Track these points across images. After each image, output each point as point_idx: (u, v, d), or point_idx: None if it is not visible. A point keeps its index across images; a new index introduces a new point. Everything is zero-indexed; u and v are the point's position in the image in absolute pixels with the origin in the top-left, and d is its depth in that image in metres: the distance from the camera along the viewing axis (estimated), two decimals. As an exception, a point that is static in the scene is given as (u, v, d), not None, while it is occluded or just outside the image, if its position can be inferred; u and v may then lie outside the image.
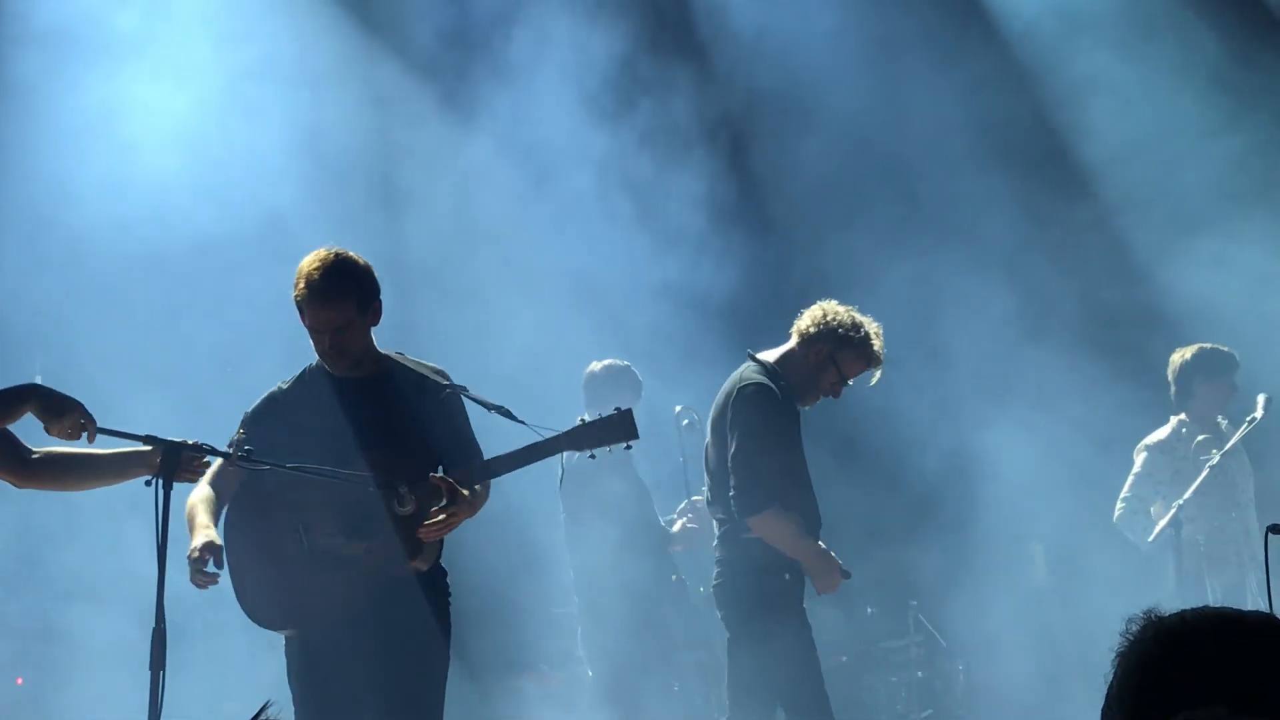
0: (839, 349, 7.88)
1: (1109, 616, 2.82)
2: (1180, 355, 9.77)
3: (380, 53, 10.75)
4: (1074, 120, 11.44)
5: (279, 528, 6.68)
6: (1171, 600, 10.23)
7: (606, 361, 9.68)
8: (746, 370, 7.94)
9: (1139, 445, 9.85)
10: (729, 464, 7.73)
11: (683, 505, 9.74)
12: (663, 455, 9.78)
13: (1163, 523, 9.64)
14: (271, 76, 9.92)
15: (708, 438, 8.13)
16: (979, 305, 10.31)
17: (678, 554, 9.84)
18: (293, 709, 6.72)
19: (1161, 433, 9.82)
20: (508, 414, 6.67)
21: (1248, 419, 9.77)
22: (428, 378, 6.80)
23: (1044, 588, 10.51)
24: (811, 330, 7.88)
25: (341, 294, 6.52)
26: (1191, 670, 2.54)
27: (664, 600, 9.74)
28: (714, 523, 8.10)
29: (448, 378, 6.86)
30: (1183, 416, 9.76)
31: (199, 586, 6.41)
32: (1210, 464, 9.59)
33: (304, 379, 6.81)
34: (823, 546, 7.82)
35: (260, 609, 6.73)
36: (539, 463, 6.72)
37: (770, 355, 7.98)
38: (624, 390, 9.41)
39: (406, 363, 6.83)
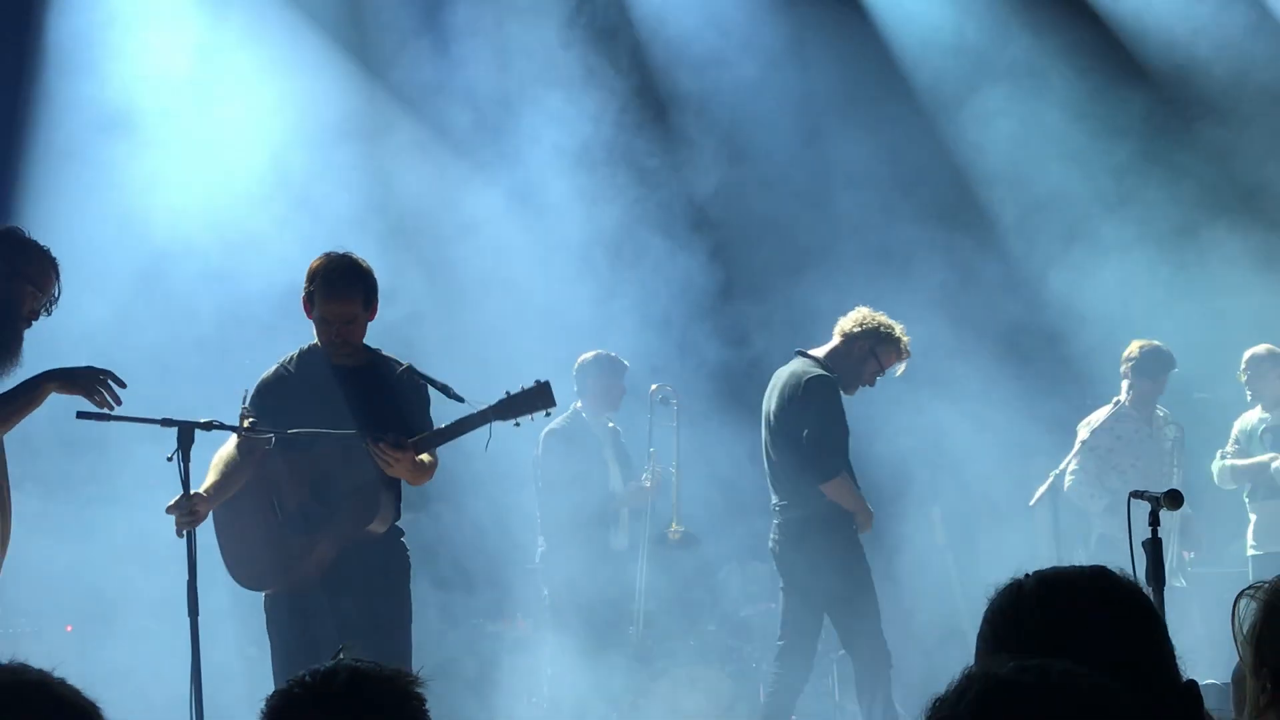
0: (879, 345, 8.51)
1: (994, 571, 3.03)
2: (1130, 349, 9.84)
3: (402, 118, 10.65)
4: (974, 158, 11.46)
5: (256, 500, 6.78)
6: (1049, 558, 10.69)
7: (596, 352, 9.66)
8: (805, 365, 8.51)
9: (1082, 422, 9.94)
10: (803, 440, 8.27)
11: (647, 468, 9.85)
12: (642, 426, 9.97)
13: (1041, 489, 9.82)
14: (303, 141, 9.89)
15: (766, 434, 8.61)
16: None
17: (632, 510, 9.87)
18: (270, 659, 6.81)
19: (1103, 412, 9.88)
20: (449, 392, 6.82)
21: (1114, 400, 9.89)
22: (402, 366, 6.92)
23: (941, 546, 10.49)
24: (855, 330, 8.54)
25: (352, 291, 6.68)
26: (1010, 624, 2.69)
27: (616, 560, 9.74)
28: (774, 496, 8.59)
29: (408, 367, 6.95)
30: (1121, 399, 9.81)
31: (178, 531, 6.45)
32: (1081, 440, 9.80)
33: (304, 362, 6.89)
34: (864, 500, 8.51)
35: (239, 572, 6.87)
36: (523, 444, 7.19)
37: (819, 352, 8.57)
38: (608, 375, 9.68)
39: (389, 357, 6.95)
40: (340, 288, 6.73)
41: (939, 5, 11.44)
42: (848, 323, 8.61)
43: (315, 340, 6.92)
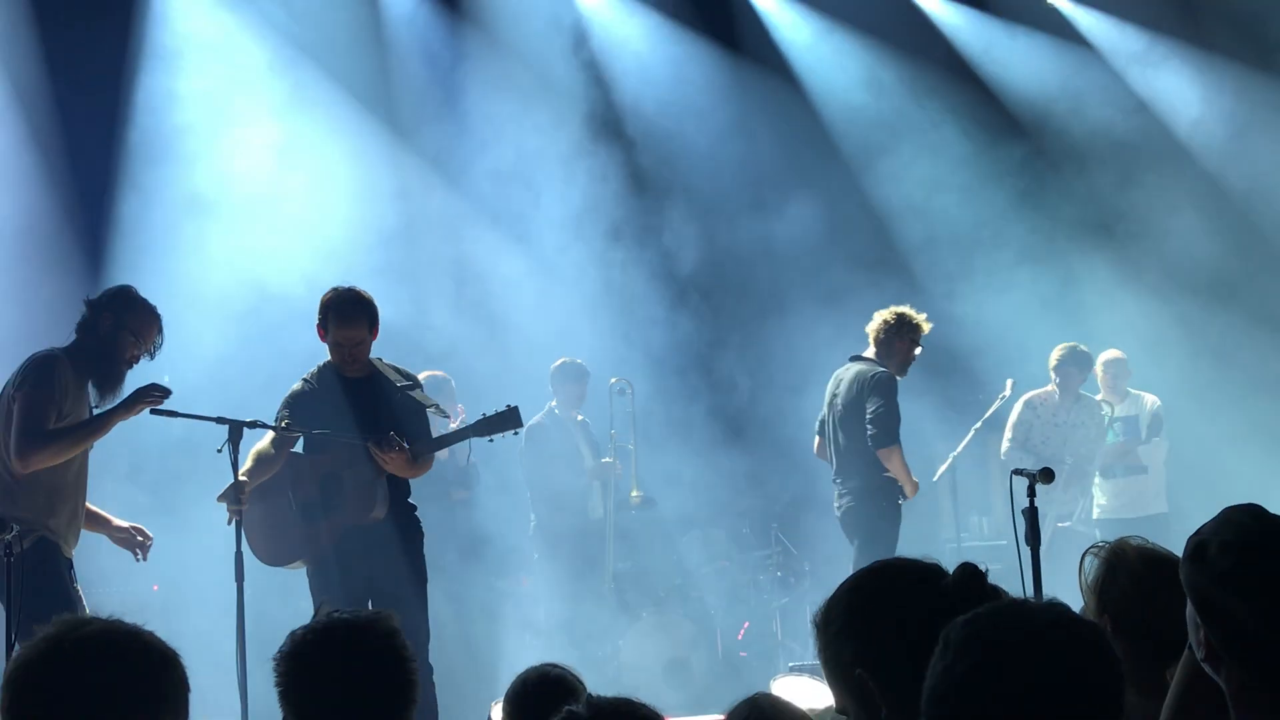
0: (912, 333, 8.59)
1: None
2: (1058, 349, 9.75)
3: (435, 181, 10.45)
4: (890, 207, 11.38)
5: (274, 493, 6.82)
6: (946, 528, 10.64)
7: (564, 359, 9.55)
8: (868, 365, 8.58)
9: (1020, 400, 9.88)
10: (868, 418, 8.37)
11: (610, 447, 9.77)
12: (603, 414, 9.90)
13: (942, 469, 9.92)
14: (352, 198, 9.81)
15: (833, 421, 8.62)
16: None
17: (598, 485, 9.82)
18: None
19: (1039, 392, 9.83)
20: (439, 410, 7.04)
21: (1000, 396, 9.89)
22: (397, 381, 6.92)
23: None
24: (889, 330, 8.59)
25: (359, 319, 6.76)
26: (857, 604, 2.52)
27: (591, 528, 9.66)
28: (838, 474, 8.62)
29: (409, 377, 7.03)
30: (1051, 388, 9.76)
31: (228, 520, 6.58)
32: (975, 428, 9.80)
33: (322, 375, 6.90)
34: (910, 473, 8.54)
35: (260, 552, 6.86)
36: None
37: (870, 354, 8.64)
38: (571, 380, 9.54)
39: (383, 367, 6.94)
40: (350, 316, 6.81)
41: (857, 80, 11.39)
42: (879, 328, 8.65)
43: (330, 358, 6.96)
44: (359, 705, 2.78)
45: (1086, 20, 11.42)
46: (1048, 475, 5.64)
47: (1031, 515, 5.58)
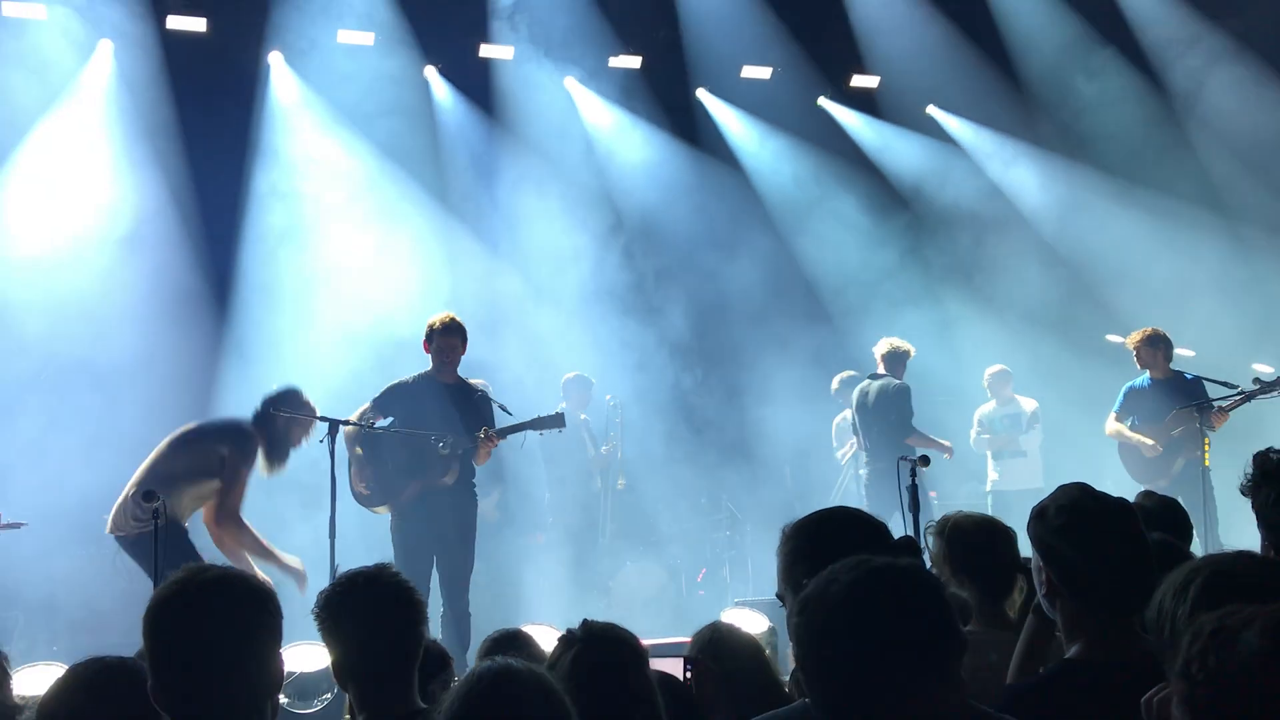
0: (906, 356, 8.90)
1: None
2: (989, 369, 9.76)
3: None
4: (813, 266, 11.35)
5: (376, 459, 6.89)
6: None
7: (575, 373, 9.46)
8: (889, 379, 8.80)
9: (979, 408, 9.82)
10: (894, 417, 8.63)
11: (609, 440, 9.76)
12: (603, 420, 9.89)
13: (846, 455, 9.79)
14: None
15: (861, 420, 8.84)
16: (784, 382, 10.27)
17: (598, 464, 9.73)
18: (393, 554, 6.81)
19: (989, 405, 9.72)
20: (504, 409, 7.05)
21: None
22: (477, 388, 7.14)
23: (790, 491, 10.28)
24: (894, 354, 8.86)
25: (456, 335, 6.94)
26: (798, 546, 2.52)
27: (592, 499, 9.64)
28: (866, 456, 8.82)
29: (484, 388, 7.28)
30: (994, 401, 9.70)
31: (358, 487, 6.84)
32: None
33: (423, 378, 6.96)
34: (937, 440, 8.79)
35: (361, 498, 6.96)
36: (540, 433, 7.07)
37: (882, 370, 8.88)
38: (578, 388, 9.42)
39: (470, 379, 7.16)
40: (451, 333, 6.94)
41: (783, 162, 11.36)
42: (886, 352, 8.93)
43: (429, 367, 6.99)
44: (378, 635, 2.70)
45: (953, 124, 11.43)
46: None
47: (913, 492, 5.69)
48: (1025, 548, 2.87)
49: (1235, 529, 7.12)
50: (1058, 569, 2.47)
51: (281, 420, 6.47)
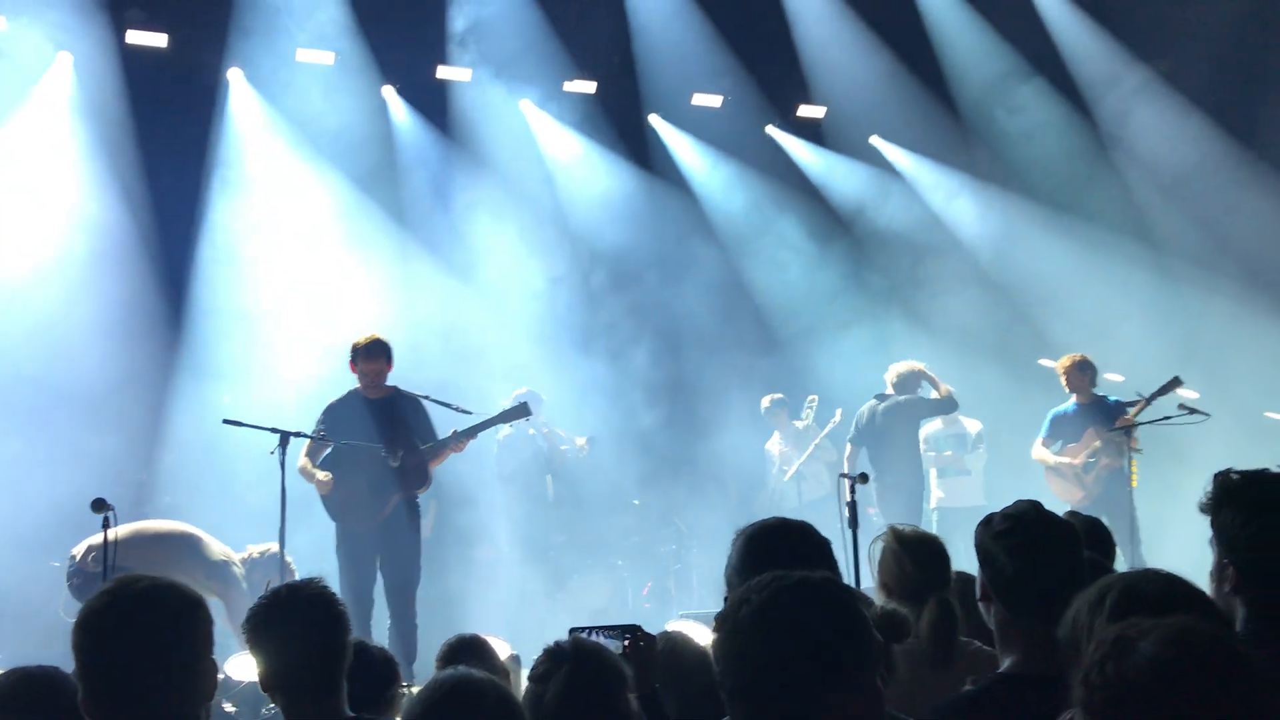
0: (922, 375, 9.01)
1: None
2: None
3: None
4: (761, 291, 11.44)
5: (348, 471, 6.79)
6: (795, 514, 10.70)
7: (526, 388, 9.27)
8: (901, 397, 8.94)
9: (924, 427, 9.61)
10: (907, 425, 8.84)
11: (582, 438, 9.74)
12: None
13: (790, 471, 9.81)
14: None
15: (874, 437, 8.90)
16: (732, 404, 10.37)
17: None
18: (338, 568, 6.78)
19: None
20: (460, 408, 6.91)
21: (831, 421, 9.82)
22: (413, 397, 6.99)
23: (734, 507, 10.09)
24: (905, 376, 8.99)
25: (379, 355, 6.88)
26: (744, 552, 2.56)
27: (540, 505, 9.59)
28: (875, 472, 8.80)
29: (421, 396, 7.03)
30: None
31: (325, 491, 6.76)
32: (816, 442, 9.73)
33: (350, 396, 6.96)
34: None
35: (330, 511, 6.89)
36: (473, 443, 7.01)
37: (890, 390, 8.99)
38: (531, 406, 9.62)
39: (402, 389, 7.01)
40: (373, 353, 6.87)
41: (732, 188, 11.43)
42: (896, 376, 9.05)
43: (358, 385, 6.94)
44: (303, 645, 2.70)
45: (895, 154, 11.55)
46: (864, 478, 5.81)
47: (852, 508, 5.67)
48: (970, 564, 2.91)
49: (1158, 549, 7.26)
50: (991, 573, 2.52)
51: None
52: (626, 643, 2.80)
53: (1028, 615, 2.47)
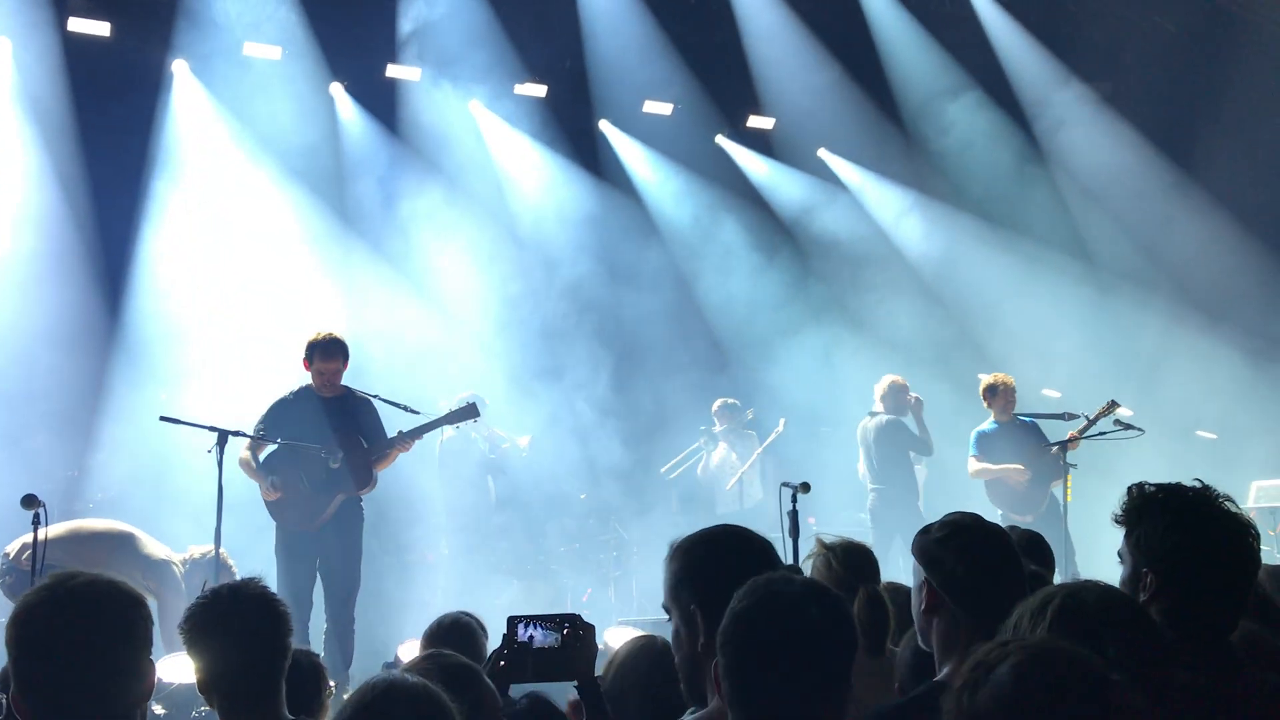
0: (905, 391, 8.92)
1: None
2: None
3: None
4: (711, 307, 11.47)
5: (290, 472, 6.69)
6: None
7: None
8: (887, 417, 8.91)
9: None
10: (895, 445, 8.83)
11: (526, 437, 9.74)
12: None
13: (732, 480, 9.75)
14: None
15: (867, 451, 8.98)
16: (673, 409, 10.46)
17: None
18: (276, 569, 6.68)
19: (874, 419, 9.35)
20: (409, 408, 6.89)
21: (775, 431, 9.77)
22: (364, 398, 6.89)
23: (675, 515, 10.10)
24: (890, 391, 8.91)
25: (337, 354, 6.77)
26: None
27: (482, 510, 9.54)
28: (871, 482, 8.92)
29: (371, 396, 6.94)
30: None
31: (270, 498, 6.63)
32: (759, 451, 9.71)
33: (302, 394, 6.82)
34: None
35: (271, 510, 6.74)
36: (418, 446, 6.92)
37: (880, 409, 8.96)
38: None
39: (355, 389, 6.91)
40: (330, 352, 6.76)
41: (681, 198, 11.48)
42: (883, 391, 8.99)
43: (309, 382, 6.82)
44: (244, 647, 2.65)
45: (841, 166, 11.67)
46: (805, 488, 5.82)
47: (793, 516, 5.68)
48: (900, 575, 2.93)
49: (1092, 562, 7.38)
50: (940, 576, 2.53)
51: None
52: (565, 632, 2.81)
53: (983, 612, 2.49)
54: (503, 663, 2.79)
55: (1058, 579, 4.24)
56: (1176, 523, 2.42)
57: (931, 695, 2.45)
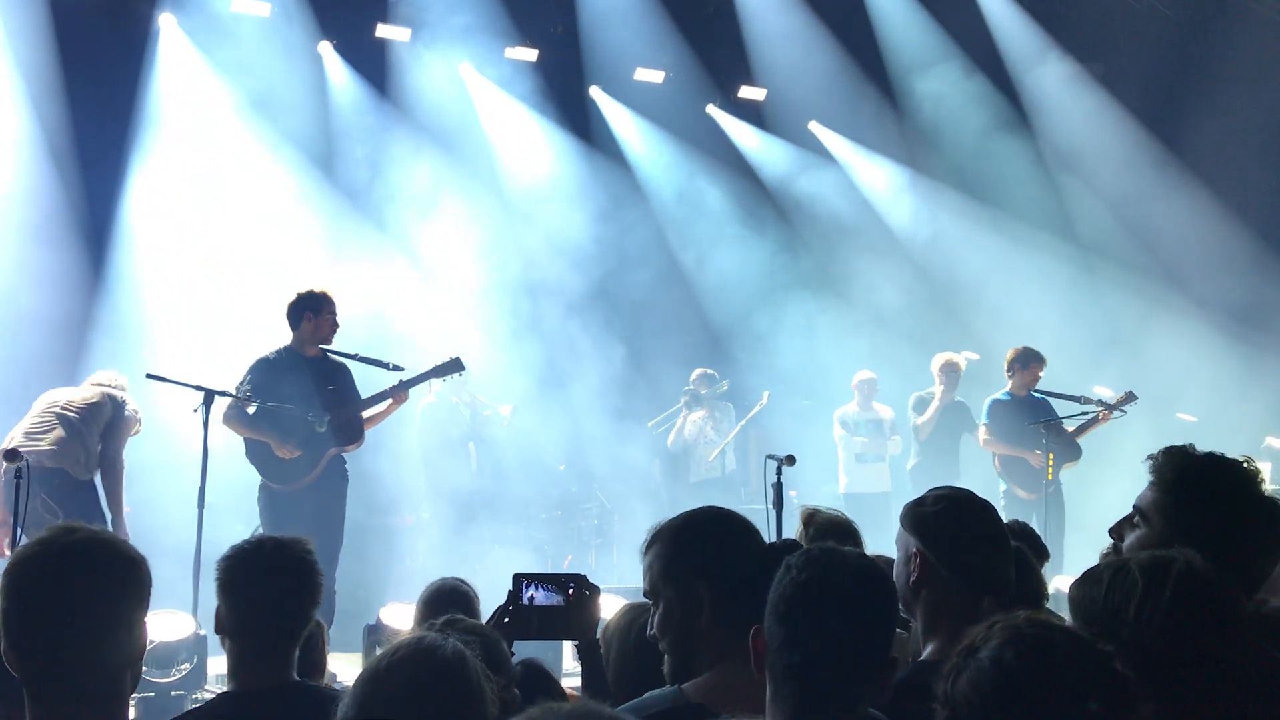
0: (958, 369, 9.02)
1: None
2: (860, 375, 9.65)
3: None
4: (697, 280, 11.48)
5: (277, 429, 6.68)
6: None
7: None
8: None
9: (839, 409, 9.69)
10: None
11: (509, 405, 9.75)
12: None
13: (715, 452, 9.89)
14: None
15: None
16: (658, 377, 10.50)
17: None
18: (260, 526, 6.68)
19: (850, 407, 9.62)
20: (396, 367, 6.89)
21: (759, 403, 9.94)
22: (339, 362, 6.89)
23: (657, 482, 10.43)
24: (950, 366, 8.98)
25: (336, 308, 6.83)
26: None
27: (463, 476, 9.49)
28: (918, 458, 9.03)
29: (349, 356, 6.92)
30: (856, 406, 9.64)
31: (288, 455, 6.63)
32: (741, 423, 9.81)
33: (285, 353, 6.77)
34: None
35: (259, 467, 6.76)
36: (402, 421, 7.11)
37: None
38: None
39: (329, 352, 6.89)
40: (332, 306, 6.83)
41: (670, 167, 11.43)
42: (940, 364, 9.05)
43: (290, 341, 6.78)
44: (275, 600, 2.71)
45: (832, 139, 11.65)
46: (791, 460, 5.83)
47: (778, 489, 5.71)
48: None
49: (1076, 543, 7.45)
50: (935, 547, 2.51)
51: None
52: (570, 592, 2.83)
53: (979, 582, 2.49)
54: (507, 619, 2.81)
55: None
56: (1172, 488, 2.41)
57: (923, 674, 2.43)
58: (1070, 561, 7.36)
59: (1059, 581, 6.49)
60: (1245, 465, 2.41)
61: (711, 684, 2.27)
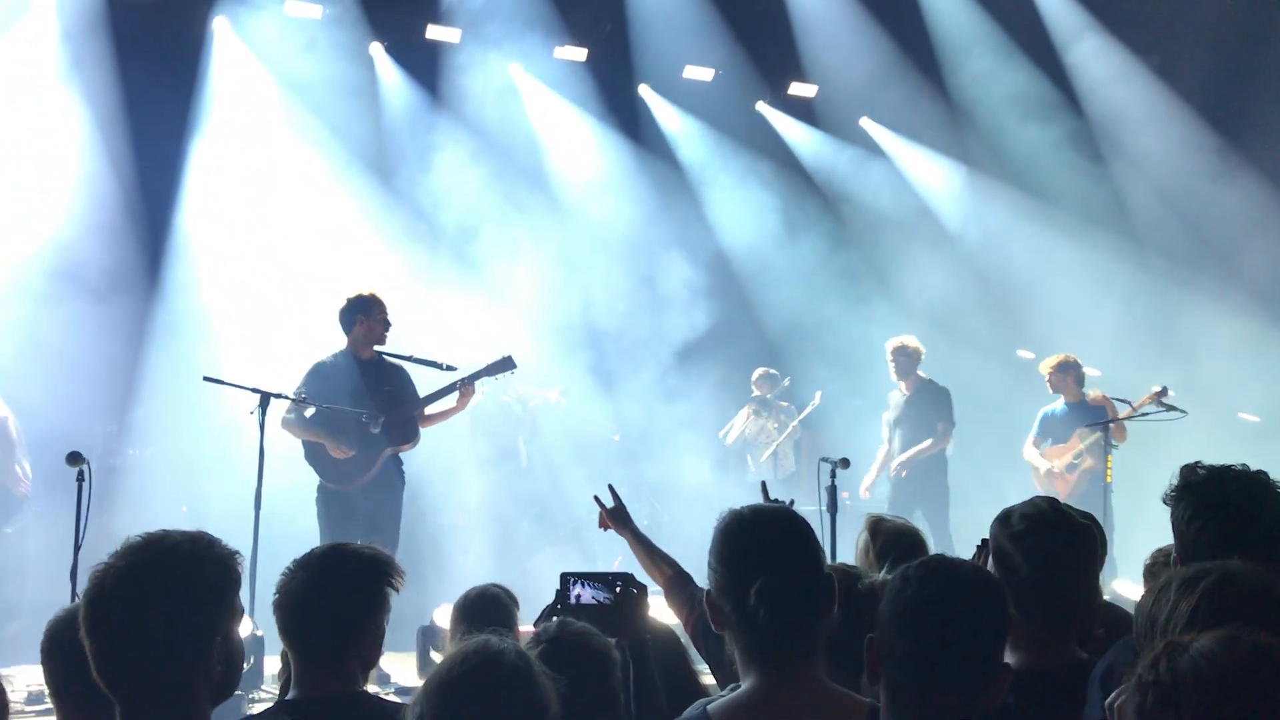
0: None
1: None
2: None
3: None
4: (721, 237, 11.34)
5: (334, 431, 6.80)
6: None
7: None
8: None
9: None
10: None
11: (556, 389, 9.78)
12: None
13: (768, 451, 9.85)
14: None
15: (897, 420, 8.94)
16: (708, 373, 10.46)
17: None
18: (318, 530, 6.76)
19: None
20: (450, 367, 6.98)
21: (810, 403, 9.88)
22: (395, 365, 7.00)
23: (709, 478, 10.37)
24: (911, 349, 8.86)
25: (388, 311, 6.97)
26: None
27: (513, 474, 9.60)
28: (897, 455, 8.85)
29: (404, 357, 7.00)
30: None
31: (341, 455, 6.74)
32: (794, 423, 9.84)
33: (341, 357, 6.88)
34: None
35: (318, 468, 6.88)
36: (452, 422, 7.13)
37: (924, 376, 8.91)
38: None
39: (385, 354, 7.02)
40: (384, 308, 6.95)
41: (723, 171, 11.36)
42: (902, 344, 8.92)
43: (345, 345, 6.91)
44: (333, 613, 2.62)
45: (884, 136, 11.55)
46: (845, 463, 5.82)
47: (832, 491, 5.73)
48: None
49: (1128, 543, 7.34)
50: (1005, 573, 2.50)
51: None
52: (618, 591, 2.81)
53: (1038, 617, 2.48)
54: (555, 618, 2.76)
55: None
56: (1201, 510, 2.44)
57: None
58: (1123, 565, 7.25)
59: (1117, 586, 6.42)
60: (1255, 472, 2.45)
61: (739, 704, 2.18)
